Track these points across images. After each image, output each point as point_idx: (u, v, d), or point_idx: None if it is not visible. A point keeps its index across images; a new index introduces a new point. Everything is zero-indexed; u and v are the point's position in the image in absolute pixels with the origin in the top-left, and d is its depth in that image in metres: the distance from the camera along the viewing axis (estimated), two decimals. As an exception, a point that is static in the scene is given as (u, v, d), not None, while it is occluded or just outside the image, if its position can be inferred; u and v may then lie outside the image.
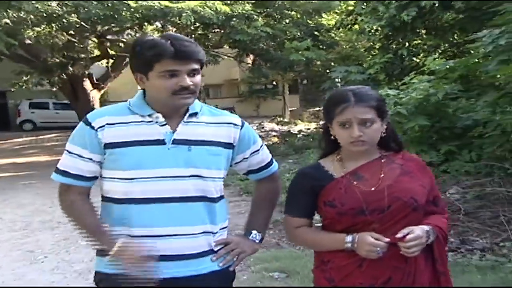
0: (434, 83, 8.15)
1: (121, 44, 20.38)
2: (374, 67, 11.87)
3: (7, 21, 13.14)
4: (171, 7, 12.96)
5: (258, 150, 2.16)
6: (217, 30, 14.13)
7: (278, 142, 15.31)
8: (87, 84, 23.31)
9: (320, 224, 2.06)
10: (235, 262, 2.07)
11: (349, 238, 1.87)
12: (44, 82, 22.82)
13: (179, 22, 13.41)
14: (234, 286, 2.11)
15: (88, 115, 1.97)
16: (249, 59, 19.04)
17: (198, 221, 1.94)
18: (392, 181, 1.91)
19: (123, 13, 13.53)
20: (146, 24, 15.77)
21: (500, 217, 5.27)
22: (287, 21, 15.42)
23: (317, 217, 2.07)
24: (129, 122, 1.93)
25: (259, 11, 14.95)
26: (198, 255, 1.95)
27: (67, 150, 1.97)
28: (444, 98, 8.00)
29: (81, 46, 18.99)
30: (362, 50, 15.10)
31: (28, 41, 17.41)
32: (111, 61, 23.22)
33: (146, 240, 1.87)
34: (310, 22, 15.65)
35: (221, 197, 2.05)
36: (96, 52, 21.55)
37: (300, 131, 16.55)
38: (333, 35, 16.69)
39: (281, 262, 4.75)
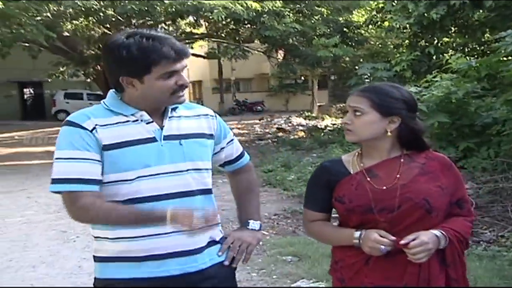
0: (455, 81, 8.30)
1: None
2: (401, 64, 11.98)
3: (48, 14, 13.72)
4: (203, 3, 13.36)
5: (232, 140, 2.16)
6: (247, 25, 14.45)
7: (304, 136, 15.55)
8: (121, 76, 23.96)
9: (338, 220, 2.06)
10: (246, 257, 2.04)
11: (357, 234, 1.85)
12: (80, 73, 23.61)
13: (211, 17, 13.77)
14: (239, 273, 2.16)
15: (71, 119, 1.87)
16: (279, 54, 19.32)
17: None
18: (407, 181, 1.85)
19: (158, 8, 13.97)
20: (179, 19, 16.21)
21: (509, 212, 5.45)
22: (317, 17, 15.61)
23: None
24: (117, 123, 1.87)
25: (289, 8, 15.20)
26: (204, 248, 1.94)
27: (61, 158, 1.84)
28: (466, 96, 8.15)
29: (116, 38, 19.53)
30: (391, 47, 15.20)
31: (65, 33, 18.02)
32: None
33: (152, 239, 1.85)
34: (340, 19, 15.79)
35: (211, 189, 2.05)
36: (131, 45, 22.11)
37: (326, 126, 16.73)
38: (363, 31, 16.80)
39: (294, 247, 5.04)
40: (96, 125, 1.84)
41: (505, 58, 7.79)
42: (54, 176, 1.85)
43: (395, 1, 12.67)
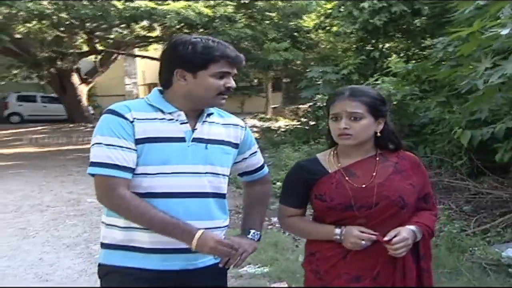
0: (395, 84, 8.93)
1: (109, 41, 20.99)
2: (348, 67, 12.59)
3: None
4: (156, 8, 13.65)
5: (256, 152, 2.27)
6: (200, 30, 14.82)
7: (258, 137, 16.02)
8: (75, 78, 23.93)
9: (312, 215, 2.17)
10: (238, 263, 2.10)
11: (337, 230, 1.95)
12: (33, 76, 23.36)
13: (165, 22, 14.08)
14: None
15: (114, 108, 1.97)
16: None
17: (212, 216, 2.02)
18: (383, 179, 1.95)
19: (112, 13, 14.17)
20: (133, 23, 16.42)
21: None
22: (267, 22, 16.11)
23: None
24: (154, 119, 1.97)
25: (241, 13, 15.64)
26: None
27: (100, 143, 1.92)
28: (404, 98, 8.80)
29: (70, 41, 19.55)
30: (340, 51, 15.84)
31: (17, 36, 17.88)
32: (99, 56, 23.83)
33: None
34: (290, 23, 16.34)
35: (225, 194, 2.14)
36: (85, 48, 22.10)
37: (279, 127, 17.26)
38: (313, 36, 17.41)
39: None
40: (135, 118, 1.94)
41: (435, 63, 8.46)
42: (93, 159, 1.92)
43: (342, 8, 13.27)
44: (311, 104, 12.93)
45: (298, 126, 14.48)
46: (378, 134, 2.01)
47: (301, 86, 13.17)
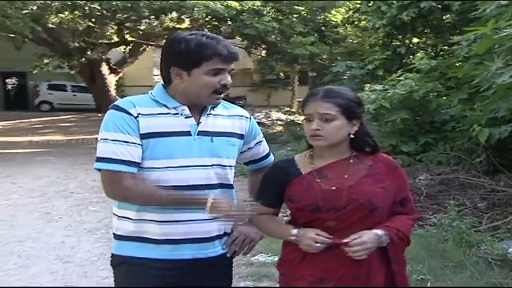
0: (418, 80, 8.90)
1: (139, 32, 21.31)
2: (373, 62, 12.55)
3: (34, 7, 14.09)
4: (185, 0, 13.85)
5: (261, 141, 2.29)
6: (228, 23, 14.96)
7: (282, 130, 16.11)
8: (104, 68, 24.33)
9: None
10: (246, 251, 2.19)
11: (294, 231, 1.94)
12: (64, 65, 23.87)
13: (193, 14, 14.28)
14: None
15: (119, 104, 2.01)
16: (260, 51, 19.84)
17: None
18: (354, 182, 1.93)
19: (142, 4, 14.42)
20: (162, 15, 16.67)
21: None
22: (295, 16, 16.15)
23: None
24: (158, 114, 1.99)
25: (270, 6, 15.73)
26: (219, 236, 2.08)
27: (106, 139, 1.96)
28: (426, 94, 8.77)
29: (101, 32, 19.92)
30: (367, 46, 15.78)
31: (50, 25, 18.31)
32: (128, 47, 24.20)
33: (171, 224, 1.98)
34: (318, 17, 16.35)
35: (232, 185, 2.16)
36: (115, 38, 22.47)
37: (303, 121, 17.34)
38: (341, 30, 17.39)
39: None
40: (139, 113, 1.97)
41: (460, 61, 8.39)
42: (99, 155, 1.96)
43: (371, 3, 13.22)
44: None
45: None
46: (352, 136, 1.98)
47: (325, 80, 13.18)
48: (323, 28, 16.41)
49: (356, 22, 15.33)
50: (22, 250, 5.24)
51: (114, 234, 2.10)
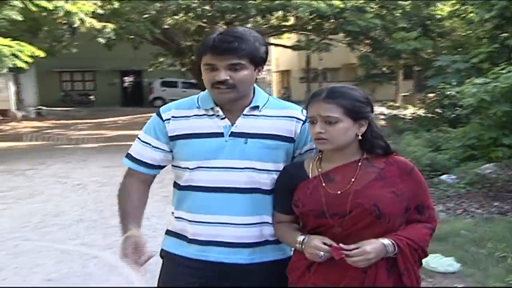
0: (521, 74, 8.83)
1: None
2: (478, 56, 12.38)
3: (153, 11, 15.52)
4: (290, 0, 14.56)
5: (313, 149, 2.06)
6: (331, 20, 15.44)
7: (384, 125, 16.27)
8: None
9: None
10: None
11: (300, 238, 1.86)
12: (176, 63, 25.54)
13: (297, 13, 14.96)
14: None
15: (161, 108, 2.08)
16: (363, 46, 20.05)
17: (250, 212, 1.97)
18: (361, 186, 1.82)
19: (249, 5, 15.35)
20: (268, 14, 17.53)
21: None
22: (399, 11, 16.24)
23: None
24: (192, 116, 2.00)
25: (374, 3, 15.98)
26: (250, 244, 1.99)
27: (139, 138, 2.08)
28: (531, 88, 8.67)
29: (211, 31, 21.18)
30: (474, 39, 15.46)
31: (165, 26, 19.65)
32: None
33: (198, 225, 1.98)
34: (422, 12, 16.30)
35: None
36: (224, 37, 23.70)
37: (406, 115, 17.31)
38: (447, 24, 17.16)
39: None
40: (172, 116, 2.02)
41: None
42: (128, 151, 2.11)
43: (478, -6, 12.99)
44: (437, 92, 12.93)
45: (424, 114, 14.49)
46: (360, 137, 1.86)
47: (428, 74, 13.20)
48: (427, 22, 16.31)
49: (463, 15, 15.09)
50: (149, 225, 6.12)
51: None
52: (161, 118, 2.03)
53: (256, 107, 2.00)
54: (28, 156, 12.32)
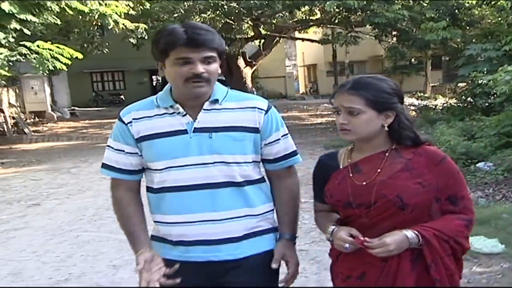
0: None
1: (273, 25, 22.54)
2: (510, 43, 12.31)
3: (182, 11, 15.83)
4: (318, -5, 14.73)
5: (279, 139, 2.06)
6: (358, 13, 15.50)
7: (414, 115, 16.31)
8: (240, 61, 25.96)
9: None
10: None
11: (330, 229, 1.89)
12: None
13: (324, 7, 15.08)
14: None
15: (120, 112, 2.03)
16: (391, 38, 20.05)
17: (229, 206, 1.95)
18: (386, 177, 1.82)
19: (276, 1, 15.53)
20: (295, 9, 17.68)
21: None
22: (426, 1, 16.22)
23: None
24: (153, 116, 1.97)
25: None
26: (234, 239, 1.97)
27: (109, 146, 2.03)
28: None
29: (238, 28, 21.41)
30: (506, 26, 15.33)
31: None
32: (262, 40, 25.59)
33: (180, 226, 1.95)
34: (452, 0, 16.24)
35: (255, 181, 2.02)
36: (250, 33, 23.92)
37: (436, 105, 17.31)
38: (476, 12, 17.06)
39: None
40: (133, 118, 1.98)
41: None
42: (103, 161, 2.07)
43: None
44: (469, 81, 12.93)
45: (455, 103, 14.49)
46: (386, 128, 1.85)
47: (458, 63, 13.20)
48: (456, 11, 16.24)
49: (493, 2, 14.98)
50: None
51: None
52: (123, 122, 1.99)
53: (216, 101, 1.97)
54: (70, 155, 12.82)
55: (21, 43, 10.56)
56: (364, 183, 1.84)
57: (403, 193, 1.77)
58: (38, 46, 10.57)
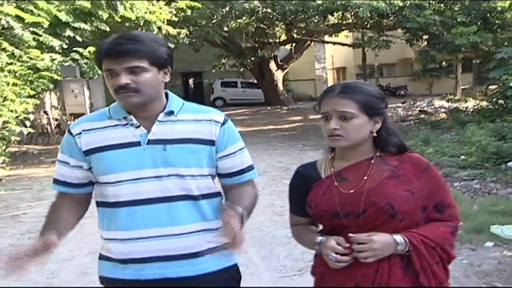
0: None
1: (305, 29, 23.11)
2: (541, 46, 12.59)
3: (219, 17, 16.53)
4: (351, 1, 15.19)
5: (234, 153, 2.00)
6: (391, 18, 15.95)
7: (445, 117, 16.61)
8: (272, 65, 26.62)
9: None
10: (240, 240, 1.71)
11: (318, 239, 1.81)
12: (237, 64, 26.57)
13: (357, 12, 15.59)
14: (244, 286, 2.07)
15: (72, 124, 1.97)
16: (422, 42, 20.38)
17: (185, 221, 1.88)
18: (374, 185, 1.77)
19: (310, 7, 16.10)
20: (328, 14, 18.23)
21: None
22: (458, 6, 16.55)
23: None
24: (106, 127, 1.90)
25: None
26: (192, 255, 1.89)
27: (58, 159, 1.98)
28: None
29: (271, 32, 22.06)
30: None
31: (225, 29, 20.54)
32: (294, 44, 26.18)
33: (131, 242, 1.87)
34: (482, 5, 16.53)
35: (211, 195, 1.95)
36: (283, 37, 24.54)
37: (467, 107, 17.56)
38: (508, 15, 17.31)
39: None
40: (82, 130, 1.91)
41: None
42: (53, 175, 2.01)
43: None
44: (500, 84, 13.21)
45: (486, 105, 14.75)
46: (375, 134, 1.82)
47: (489, 67, 13.49)
48: (487, 15, 16.54)
49: (525, 6, 15.20)
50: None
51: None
52: (71, 134, 1.92)
53: (171, 112, 1.91)
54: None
55: (74, 49, 11.32)
56: (352, 191, 1.78)
57: (394, 200, 1.73)
58: (89, 52, 11.31)
